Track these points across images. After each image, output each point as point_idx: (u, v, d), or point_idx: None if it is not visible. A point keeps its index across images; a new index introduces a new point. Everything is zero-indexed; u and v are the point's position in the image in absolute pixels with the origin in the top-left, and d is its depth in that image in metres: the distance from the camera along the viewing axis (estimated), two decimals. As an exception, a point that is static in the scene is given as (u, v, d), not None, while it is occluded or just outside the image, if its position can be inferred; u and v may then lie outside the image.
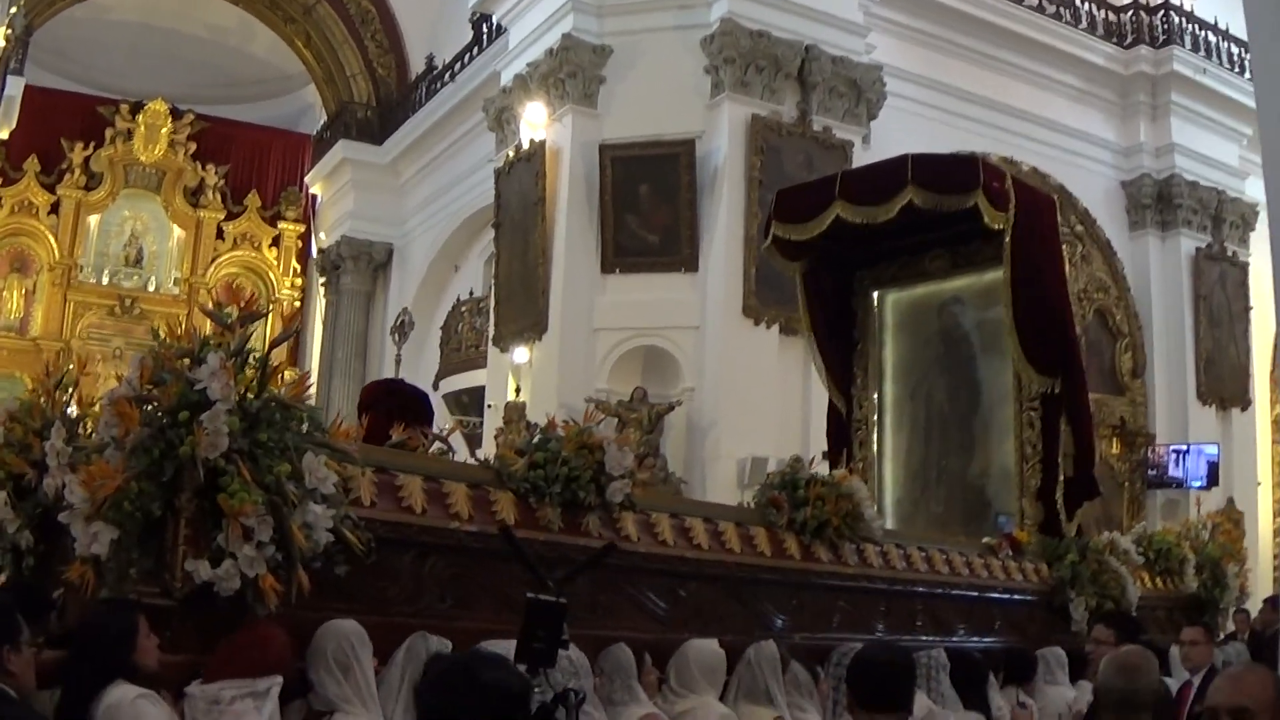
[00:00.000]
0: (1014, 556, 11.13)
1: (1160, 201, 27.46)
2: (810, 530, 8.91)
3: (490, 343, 24.59)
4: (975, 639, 10.14)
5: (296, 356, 37.83)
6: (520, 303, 22.92)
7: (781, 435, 20.43)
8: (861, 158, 21.65)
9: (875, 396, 13.49)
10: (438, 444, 8.37)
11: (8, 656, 4.92)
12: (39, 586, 6.28)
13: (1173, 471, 25.97)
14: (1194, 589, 13.10)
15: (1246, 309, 28.17)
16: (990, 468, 12.72)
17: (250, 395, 5.62)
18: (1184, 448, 26.14)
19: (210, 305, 6.08)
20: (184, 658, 5.57)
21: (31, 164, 36.55)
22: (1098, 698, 5.95)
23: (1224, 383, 27.54)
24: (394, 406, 8.36)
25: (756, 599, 8.46)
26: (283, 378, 5.97)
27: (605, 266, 21.92)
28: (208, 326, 5.98)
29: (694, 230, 21.44)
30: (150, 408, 5.54)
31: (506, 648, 5.64)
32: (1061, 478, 11.80)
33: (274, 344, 6.10)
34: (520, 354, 22.49)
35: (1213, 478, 25.83)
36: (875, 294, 13.61)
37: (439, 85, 31.40)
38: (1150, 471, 26.32)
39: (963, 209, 11.59)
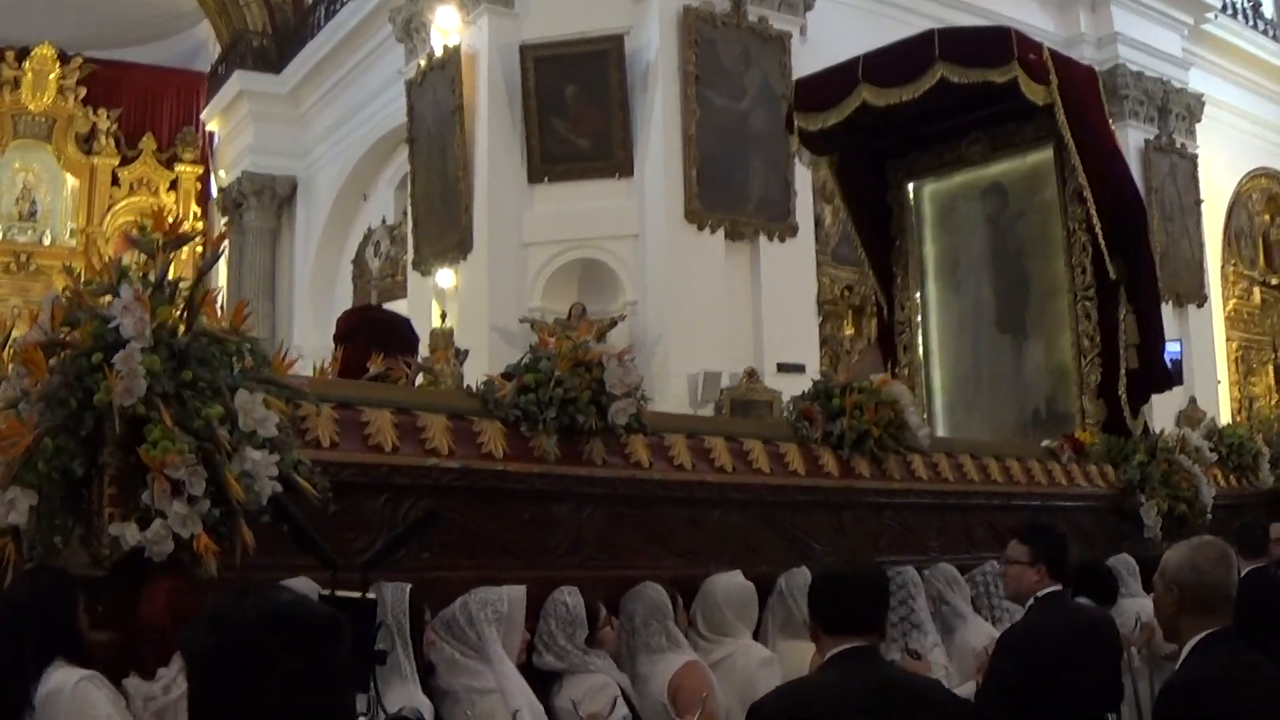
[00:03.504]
0: (1077, 459, 10.51)
1: (1105, 93, 26.37)
2: (849, 443, 8.17)
3: (410, 268, 23.58)
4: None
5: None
6: (441, 221, 21.90)
7: (734, 347, 19.85)
8: (799, 51, 20.98)
9: (918, 296, 13.02)
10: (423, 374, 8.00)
11: None
12: None
13: (1135, 372, 24.75)
14: (1270, 484, 12.55)
15: (1198, 202, 27.86)
16: (1046, 365, 12.24)
17: (179, 330, 4.98)
18: (1147, 347, 24.90)
19: (145, 231, 5.31)
20: (120, 635, 4.99)
21: (-87, 121, 35.23)
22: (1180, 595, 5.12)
23: (1180, 279, 26.90)
24: (372, 335, 7.94)
25: (792, 524, 7.78)
26: (235, 311, 5.31)
27: (533, 176, 20.84)
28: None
29: (627, 132, 20.45)
30: (64, 353, 4.94)
31: (497, 596, 5.70)
32: (1124, 370, 11.26)
33: (203, 269, 5.29)
34: (444, 276, 21.44)
35: (1177, 377, 24.85)
36: (910, 186, 13.19)
37: (337, 5, 30.06)
38: (1113, 372, 25.44)
39: (997, 85, 10.99)
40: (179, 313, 5.00)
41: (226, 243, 33.37)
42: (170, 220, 5.22)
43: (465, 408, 6.45)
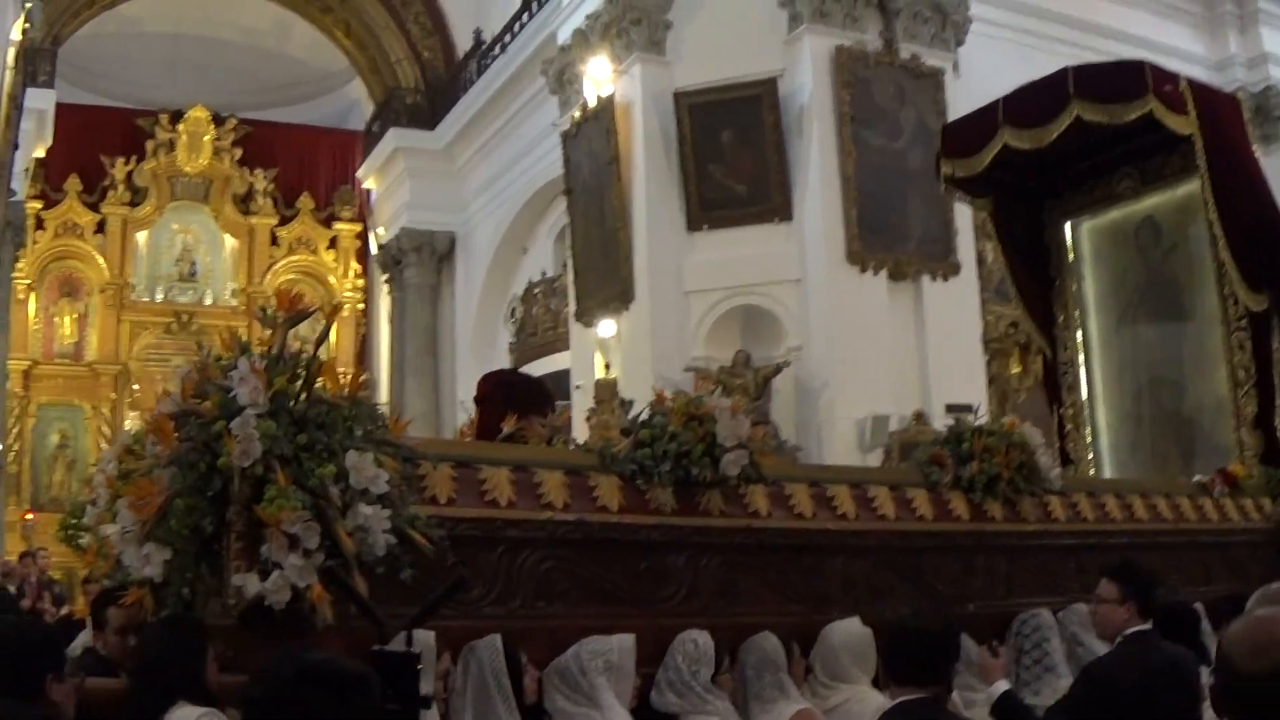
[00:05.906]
0: (1230, 493, 10.33)
1: (1259, 115, 26.75)
2: (980, 487, 8.19)
3: (572, 319, 23.88)
4: (1189, 589, 9.18)
5: (364, 358, 37.72)
6: (601, 272, 22.17)
7: (900, 389, 19.88)
8: (953, 87, 21.20)
9: (1079, 335, 13.06)
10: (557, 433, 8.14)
11: (50, 686, 5.10)
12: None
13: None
14: None
15: (1362, 218, 26.90)
16: (1204, 399, 12.14)
17: (302, 397, 5.43)
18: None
19: (266, 310, 5.84)
20: (246, 677, 4.99)
21: (73, 183, 36.02)
22: (1222, 691, 3.59)
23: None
24: (507, 397, 8.19)
25: (918, 568, 7.81)
26: (352, 379, 5.77)
27: (691, 223, 21.13)
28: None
29: (784, 176, 20.63)
30: (194, 421, 5.37)
31: (608, 647, 5.93)
32: (1279, 402, 11.12)
33: (318, 342, 5.80)
34: (606, 327, 21.74)
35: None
36: (1067, 225, 13.20)
37: (490, 59, 30.63)
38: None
39: (1138, 119, 10.98)
40: (298, 382, 5.40)
41: (388, 301, 34.11)
42: (291, 297, 5.66)
43: (582, 464, 6.65)
